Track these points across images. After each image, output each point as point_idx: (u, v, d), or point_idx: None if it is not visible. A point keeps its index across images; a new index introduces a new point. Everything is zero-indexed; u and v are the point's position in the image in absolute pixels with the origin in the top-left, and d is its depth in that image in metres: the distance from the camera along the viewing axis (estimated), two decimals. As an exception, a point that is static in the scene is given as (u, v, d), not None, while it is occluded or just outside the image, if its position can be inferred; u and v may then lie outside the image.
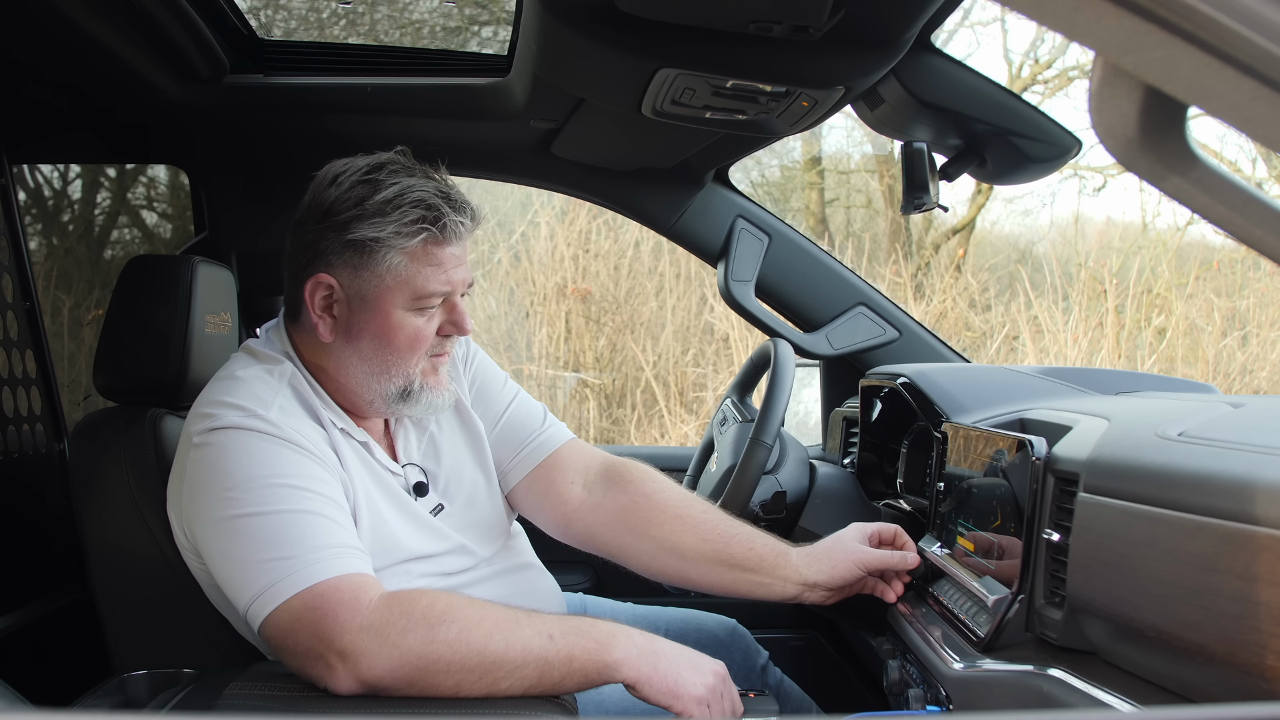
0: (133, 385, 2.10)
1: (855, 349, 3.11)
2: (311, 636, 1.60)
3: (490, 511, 2.11)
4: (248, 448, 1.73)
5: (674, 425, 7.95)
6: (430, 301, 1.87)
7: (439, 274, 1.86)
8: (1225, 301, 8.66)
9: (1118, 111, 0.90)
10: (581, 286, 8.49)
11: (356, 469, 1.87)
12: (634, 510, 2.12)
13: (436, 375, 1.93)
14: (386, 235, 1.82)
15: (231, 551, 1.69)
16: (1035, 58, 10.16)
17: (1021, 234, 10.87)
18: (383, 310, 1.86)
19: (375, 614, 1.60)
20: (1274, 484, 1.13)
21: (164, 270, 2.12)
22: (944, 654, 1.79)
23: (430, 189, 1.85)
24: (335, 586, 1.62)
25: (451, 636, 1.60)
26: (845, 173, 10.51)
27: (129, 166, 5.73)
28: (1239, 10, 0.80)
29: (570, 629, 1.67)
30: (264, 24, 2.91)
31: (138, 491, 1.98)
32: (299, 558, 1.64)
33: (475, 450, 2.12)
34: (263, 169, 3.02)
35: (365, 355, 1.89)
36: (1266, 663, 1.10)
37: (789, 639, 3.17)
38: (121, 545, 1.99)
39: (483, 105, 2.66)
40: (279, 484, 1.70)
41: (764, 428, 2.25)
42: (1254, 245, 0.91)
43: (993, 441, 1.87)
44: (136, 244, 6.10)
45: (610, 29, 1.86)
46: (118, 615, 2.03)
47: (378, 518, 1.86)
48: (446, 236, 1.85)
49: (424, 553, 1.91)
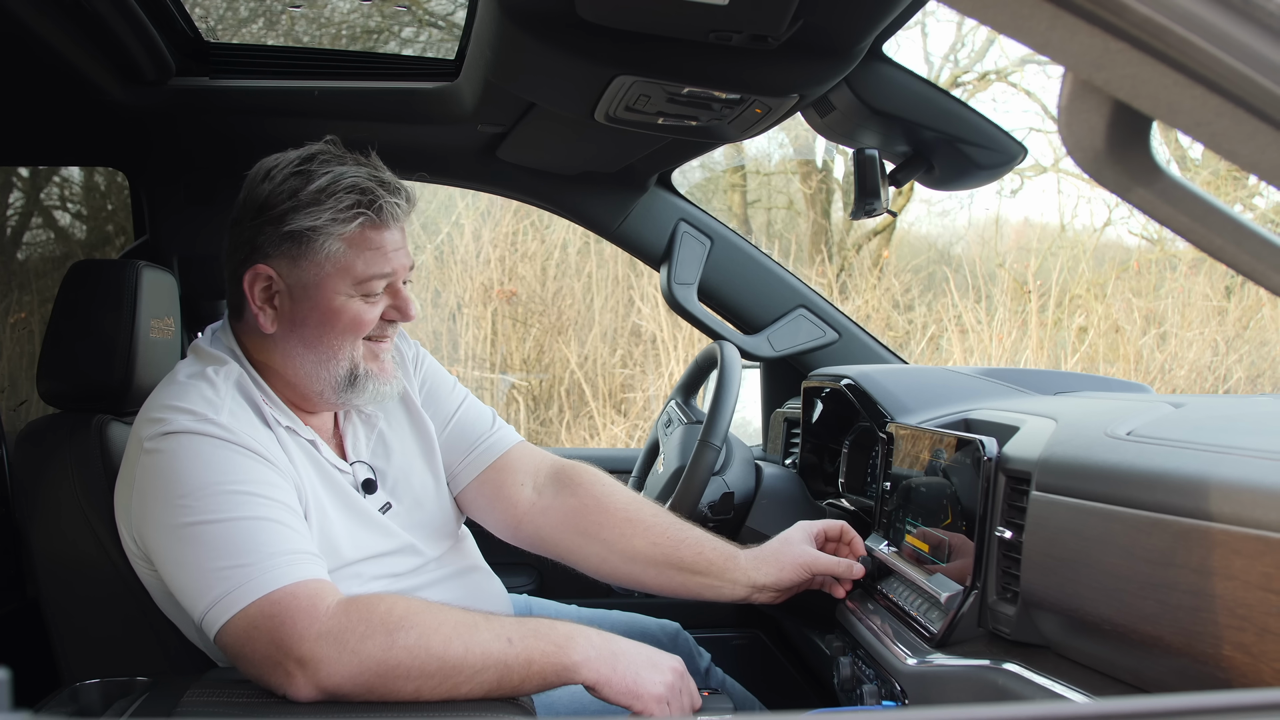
0: (77, 391, 2.06)
1: (796, 351, 3.16)
2: (269, 644, 1.59)
3: (438, 512, 2.10)
4: (200, 453, 1.71)
5: (604, 427, 7.96)
6: (372, 286, 1.87)
7: (379, 258, 1.86)
8: (1144, 302, 8.86)
9: (1086, 125, 0.93)
10: (508, 288, 8.46)
11: (305, 468, 1.86)
12: (584, 513, 2.13)
13: (379, 361, 1.93)
14: (323, 223, 1.83)
15: (185, 559, 1.67)
16: (955, 60, 10.33)
17: (941, 235, 11.04)
18: (325, 297, 1.86)
19: (333, 620, 1.59)
20: (1227, 481, 1.18)
21: (108, 275, 2.08)
22: (897, 650, 1.83)
23: (363, 174, 1.86)
24: (292, 594, 1.61)
25: (411, 642, 1.60)
26: (767, 174, 10.58)
27: (41, 167, 5.60)
28: (1209, 31, 0.83)
29: (528, 632, 1.68)
30: (210, 27, 2.88)
31: (85, 499, 1.95)
32: (254, 565, 1.62)
33: (425, 451, 2.12)
34: (206, 172, 2.98)
35: (309, 342, 1.88)
36: (1222, 653, 1.15)
37: (732, 638, 3.20)
38: (69, 554, 1.96)
39: (430, 110, 2.66)
40: (232, 490, 1.68)
41: (713, 429, 2.27)
42: (1215, 254, 0.94)
43: (940, 441, 1.92)
44: (51, 245, 5.98)
45: (569, 35, 1.87)
46: (66, 624, 2.00)
47: (324, 518, 1.85)
48: (384, 219, 1.86)
49: (372, 552, 1.90)
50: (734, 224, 9.84)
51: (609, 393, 8.20)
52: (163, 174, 3.00)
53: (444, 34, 3.37)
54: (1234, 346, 8.61)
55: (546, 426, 8.16)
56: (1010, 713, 0.83)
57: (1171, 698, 0.79)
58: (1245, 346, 8.63)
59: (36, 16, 2.13)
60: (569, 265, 8.67)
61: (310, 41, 3.38)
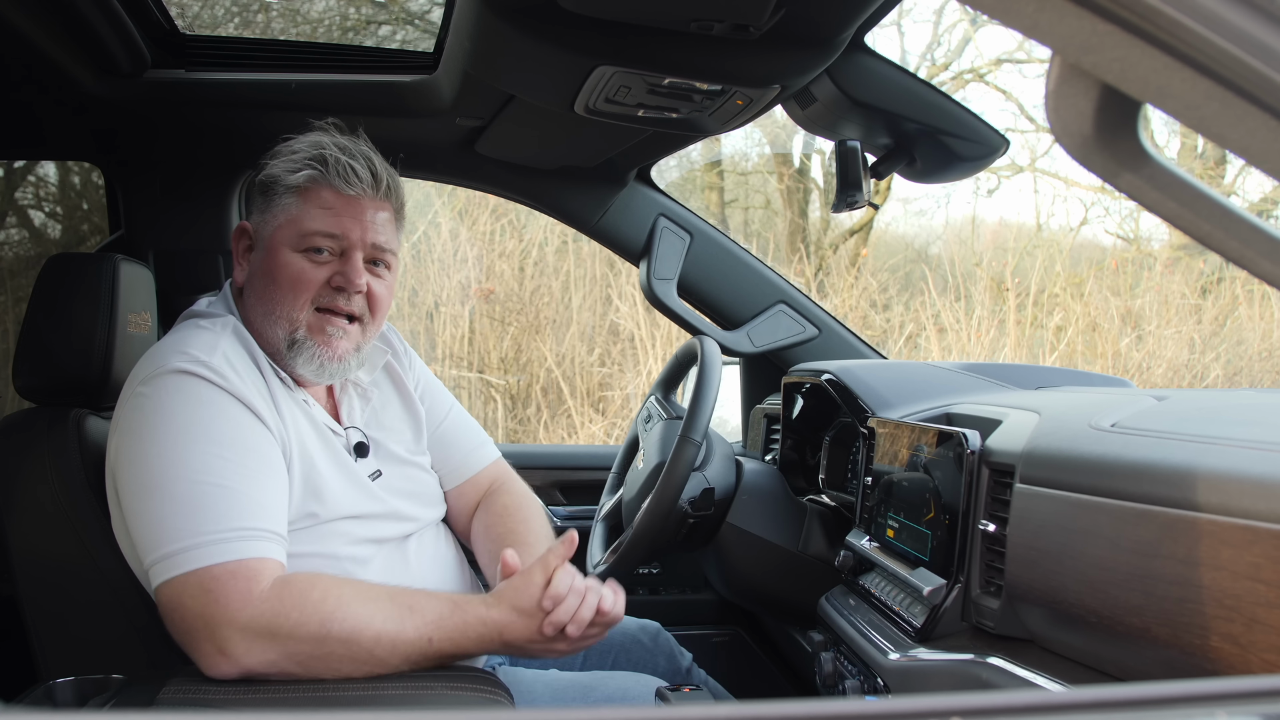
0: (54, 386, 2.04)
1: (776, 346, 3.15)
2: (196, 618, 1.63)
3: (429, 484, 2.14)
4: (188, 395, 1.73)
5: (582, 425, 7.94)
6: (315, 242, 1.89)
7: (327, 217, 1.88)
8: (1121, 301, 8.91)
9: (1074, 110, 0.92)
10: (485, 286, 8.43)
11: (295, 420, 1.87)
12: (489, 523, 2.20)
13: (325, 335, 1.91)
14: (279, 173, 1.91)
15: (149, 507, 1.70)
16: (932, 59, 10.36)
17: (918, 234, 11.07)
18: (273, 248, 1.90)
19: (265, 605, 1.63)
20: (1214, 471, 1.17)
21: (85, 269, 2.06)
22: (880, 644, 1.82)
23: (330, 140, 1.93)
24: (231, 571, 1.64)
25: (340, 637, 1.65)
26: (744, 174, 10.60)
27: (16, 164, 5.56)
28: (1200, 12, 0.82)
29: (446, 633, 1.73)
30: (186, 19, 2.85)
31: (62, 494, 1.93)
32: (207, 534, 1.65)
33: (414, 431, 2.16)
34: (182, 166, 2.96)
35: (259, 295, 1.92)
36: (1209, 644, 1.14)
37: (712, 635, 3.19)
38: (47, 549, 1.94)
39: (408, 102, 2.63)
40: (211, 450, 1.70)
41: (693, 425, 2.25)
42: (1203, 239, 0.93)
43: (922, 435, 1.91)
44: (26, 244, 5.93)
45: (549, 25, 1.86)
46: (44, 620, 1.97)
47: (312, 469, 1.85)
48: (330, 177, 1.88)
49: (358, 512, 1.91)
50: (712, 223, 9.84)
51: (587, 391, 8.19)
52: (138, 168, 2.97)
53: (421, 32, 3.36)
54: (1211, 344, 8.67)
55: (524, 425, 8.14)
56: (991, 701, 0.82)
57: (1153, 685, 0.78)
58: (1222, 344, 8.69)
59: (8, 7, 2.10)
60: (547, 264, 8.65)
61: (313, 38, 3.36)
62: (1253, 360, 8.65)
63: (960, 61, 10.29)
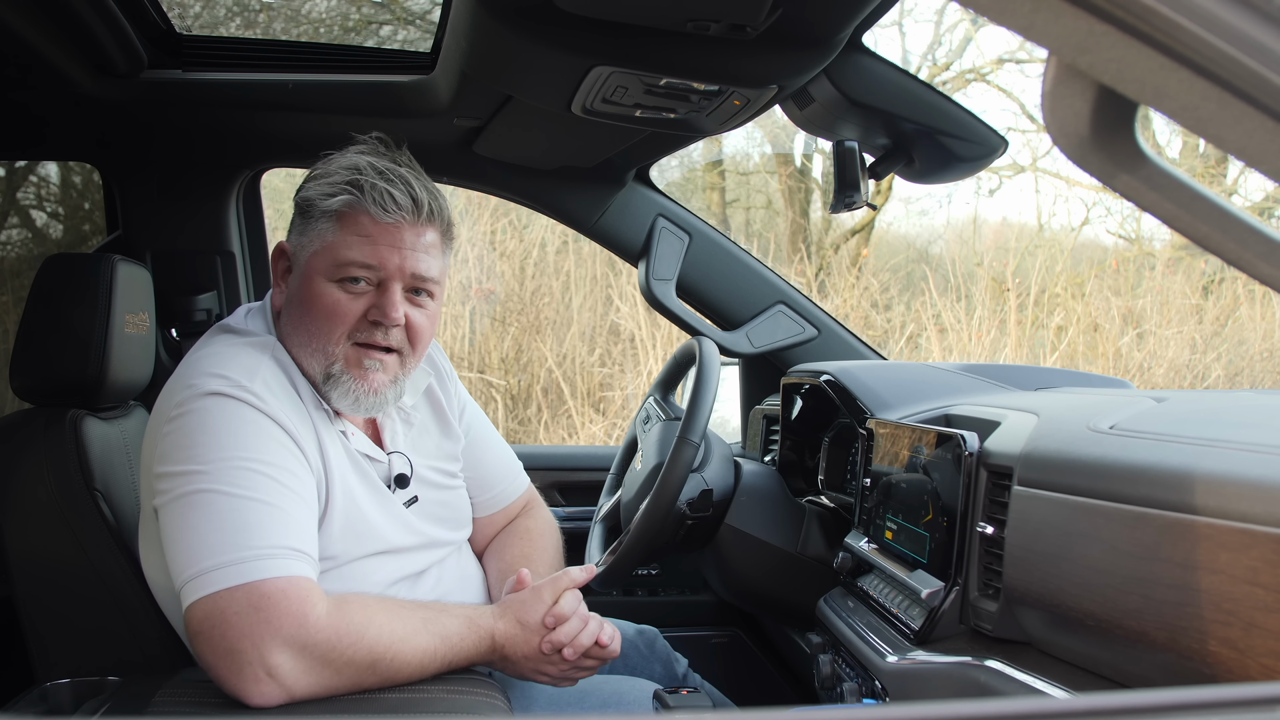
0: (51, 386, 2.04)
1: (775, 347, 3.14)
2: (242, 637, 1.54)
3: (460, 507, 2.12)
4: (228, 417, 1.68)
5: (582, 425, 7.94)
6: (350, 272, 1.80)
7: (363, 244, 1.79)
8: (1122, 301, 8.90)
9: (1070, 110, 0.91)
10: (486, 286, 8.43)
11: (334, 452, 1.82)
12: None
13: (362, 369, 1.83)
14: (314, 195, 1.82)
15: (188, 522, 1.62)
16: (933, 59, 10.35)
17: (919, 234, 11.06)
18: (309, 276, 1.82)
19: (321, 632, 1.58)
20: (1212, 474, 1.16)
21: (83, 269, 2.06)
22: (878, 647, 1.81)
23: (367, 161, 1.83)
24: (283, 589, 1.57)
25: (385, 664, 1.64)
26: (745, 174, 10.60)
27: (18, 164, 5.55)
28: (1197, 12, 0.82)
29: (460, 651, 1.75)
30: (183, 19, 2.84)
31: (60, 494, 1.93)
32: (253, 548, 1.58)
33: (451, 455, 2.12)
34: (179, 166, 2.95)
35: (295, 323, 1.84)
36: (1208, 648, 1.13)
37: (710, 636, 3.18)
38: (44, 550, 1.94)
39: (405, 103, 2.63)
40: (253, 467, 1.65)
41: (691, 426, 2.24)
42: (1200, 241, 0.93)
43: (921, 437, 1.90)
44: (28, 244, 5.92)
45: (546, 26, 1.85)
46: (41, 621, 1.97)
47: (352, 504, 1.81)
48: (366, 203, 1.79)
49: (395, 546, 1.88)
50: (713, 223, 9.84)
51: (587, 391, 8.19)
52: (135, 168, 2.96)
53: (422, 32, 3.34)
54: (1212, 345, 8.66)
55: (525, 425, 8.14)
56: (990, 709, 0.81)
57: (1156, 693, 0.78)
58: (1223, 345, 8.68)
59: (5, 7, 2.09)
60: (547, 264, 8.65)
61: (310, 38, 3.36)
62: (1254, 360, 8.65)
63: (962, 61, 10.28)
